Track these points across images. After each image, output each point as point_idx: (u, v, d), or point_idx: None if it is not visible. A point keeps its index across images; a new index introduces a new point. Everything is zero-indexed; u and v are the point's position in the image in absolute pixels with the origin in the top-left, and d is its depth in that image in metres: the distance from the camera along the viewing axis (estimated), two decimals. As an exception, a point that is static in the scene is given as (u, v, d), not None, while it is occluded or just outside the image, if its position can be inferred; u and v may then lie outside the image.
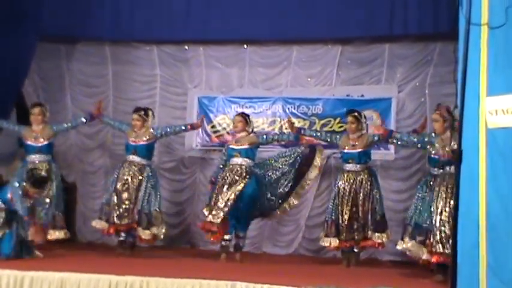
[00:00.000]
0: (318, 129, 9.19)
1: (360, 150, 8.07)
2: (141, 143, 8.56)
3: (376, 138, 8.15)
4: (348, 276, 7.24)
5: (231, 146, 8.44)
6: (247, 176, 8.20)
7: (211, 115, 9.72)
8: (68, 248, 8.55)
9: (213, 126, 9.69)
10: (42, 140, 8.63)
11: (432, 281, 6.89)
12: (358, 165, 8.06)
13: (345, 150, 8.13)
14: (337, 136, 8.40)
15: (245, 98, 9.65)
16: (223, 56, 9.81)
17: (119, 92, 10.01)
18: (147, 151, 8.60)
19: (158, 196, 8.53)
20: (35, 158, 8.59)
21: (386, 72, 9.20)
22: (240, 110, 9.55)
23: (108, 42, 9.95)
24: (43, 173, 8.23)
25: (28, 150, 8.67)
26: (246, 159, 8.29)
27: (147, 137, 8.58)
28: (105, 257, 8.20)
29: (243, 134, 8.40)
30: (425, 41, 9.01)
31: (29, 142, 8.64)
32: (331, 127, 9.28)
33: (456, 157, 5.21)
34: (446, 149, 7.16)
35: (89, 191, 10.04)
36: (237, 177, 8.18)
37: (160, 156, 9.77)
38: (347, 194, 8.01)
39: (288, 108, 9.52)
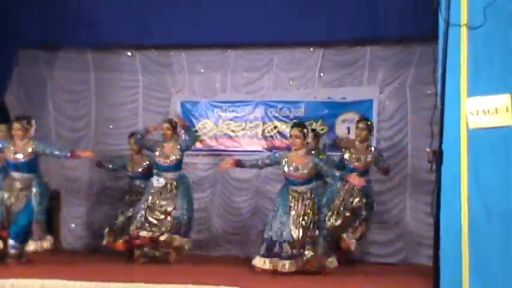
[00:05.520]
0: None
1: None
2: None
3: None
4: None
5: None
6: None
7: (194, 120, 9.71)
8: (52, 255, 8.45)
9: (196, 131, 9.64)
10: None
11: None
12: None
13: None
14: (276, 154, 7.63)
15: (228, 102, 9.65)
16: (206, 61, 9.79)
17: (101, 98, 9.97)
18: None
19: None
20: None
21: (367, 74, 9.23)
22: (223, 115, 9.56)
23: (90, 49, 9.91)
24: None
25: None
26: None
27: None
28: (89, 264, 8.14)
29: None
30: (407, 43, 9.01)
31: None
32: (313, 129, 9.31)
33: (437, 158, 5.24)
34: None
35: (72, 197, 9.98)
36: None
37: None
38: None
39: (270, 112, 9.54)
